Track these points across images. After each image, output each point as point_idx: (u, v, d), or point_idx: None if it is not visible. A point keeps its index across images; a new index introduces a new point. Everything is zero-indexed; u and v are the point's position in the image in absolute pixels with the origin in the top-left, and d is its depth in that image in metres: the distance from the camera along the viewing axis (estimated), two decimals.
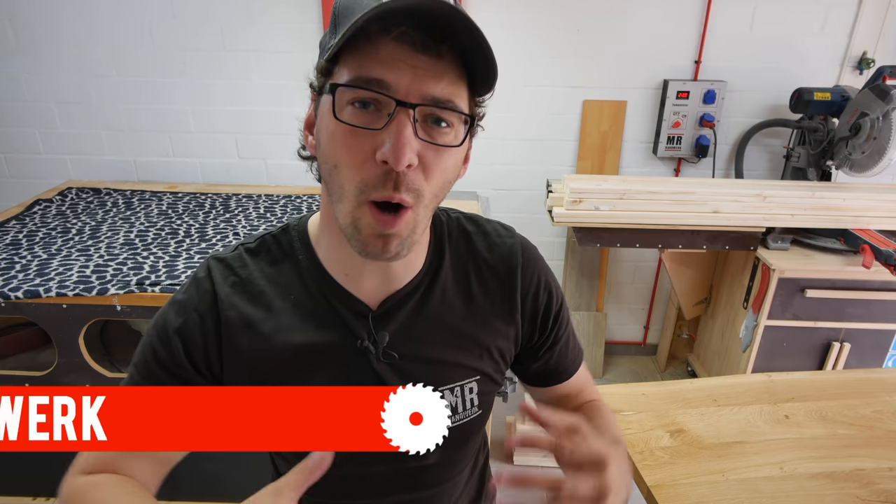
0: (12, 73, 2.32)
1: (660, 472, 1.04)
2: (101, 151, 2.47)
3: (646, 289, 2.82)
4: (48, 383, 1.60)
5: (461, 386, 0.68)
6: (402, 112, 0.51)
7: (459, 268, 0.70)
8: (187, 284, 0.66)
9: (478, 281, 0.70)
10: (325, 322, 0.64)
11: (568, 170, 2.54)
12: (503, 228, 0.75)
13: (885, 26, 2.31)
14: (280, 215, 2.07)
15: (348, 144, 0.52)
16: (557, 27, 2.30)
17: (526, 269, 0.71)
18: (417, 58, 0.50)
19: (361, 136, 0.52)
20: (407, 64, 0.50)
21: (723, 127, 2.47)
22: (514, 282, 0.71)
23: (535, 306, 0.72)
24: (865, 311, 2.06)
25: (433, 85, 0.51)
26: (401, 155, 0.50)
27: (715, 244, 2.09)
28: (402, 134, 0.50)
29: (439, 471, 0.72)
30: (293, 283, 0.65)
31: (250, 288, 0.64)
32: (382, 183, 0.52)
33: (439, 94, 0.51)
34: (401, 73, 0.50)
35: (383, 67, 0.50)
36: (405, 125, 0.50)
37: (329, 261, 0.65)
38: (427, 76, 0.51)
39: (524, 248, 0.73)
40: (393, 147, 0.50)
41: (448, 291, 0.68)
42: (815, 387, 1.29)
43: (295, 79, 2.33)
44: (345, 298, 0.64)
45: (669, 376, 2.81)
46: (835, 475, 1.04)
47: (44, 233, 1.84)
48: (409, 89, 0.50)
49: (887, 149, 1.97)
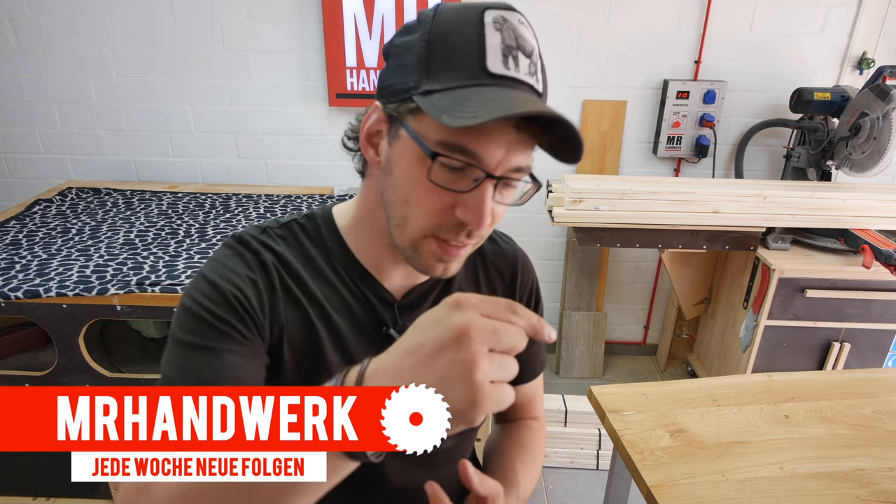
0: (12, 73, 2.32)
1: (660, 472, 1.04)
2: (101, 151, 2.47)
3: (646, 289, 2.82)
4: (48, 383, 1.60)
5: None
6: (490, 182, 0.55)
7: (470, 267, 0.76)
8: (223, 256, 0.63)
9: (486, 282, 0.77)
10: (353, 305, 0.67)
11: (568, 170, 2.54)
12: (503, 235, 0.82)
13: (885, 26, 2.31)
14: (280, 215, 2.07)
15: (429, 195, 0.56)
16: (557, 27, 2.30)
17: (524, 275, 0.79)
18: (513, 134, 0.54)
19: (444, 192, 0.55)
20: (505, 140, 0.53)
21: (723, 127, 2.47)
22: (515, 286, 0.78)
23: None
24: (865, 311, 2.06)
25: (521, 157, 0.55)
26: (483, 221, 0.55)
27: (715, 244, 2.09)
28: (485, 202, 0.55)
29: (450, 455, 0.76)
30: (323, 266, 0.67)
31: (286, 263, 0.65)
32: (456, 232, 0.57)
33: (522, 163, 0.56)
34: (498, 149, 0.53)
35: (483, 142, 0.53)
36: (489, 194, 0.55)
37: (360, 251, 0.67)
38: (516, 150, 0.55)
39: (523, 255, 0.81)
40: (476, 214, 0.55)
41: (462, 288, 0.74)
42: (815, 387, 1.29)
43: (295, 79, 2.33)
44: (373, 286, 0.68)
45: (669, 376, 2.81)
46: (835, 475, 1.04)
47: (44, 233, 1.84)
48: (501, 163, 0.54)
49: (887, 149, 1.97)
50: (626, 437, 1.13)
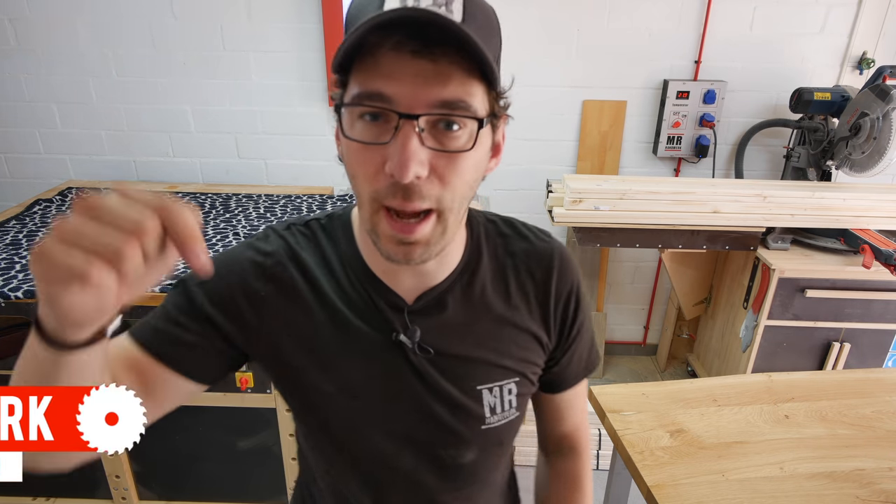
0: (12, 73, 2.32)
1: (660, 472, 1.04)
2: (101, 151, 2.47)
3: (646, 289, 2.82)
4: None
5: (500, 386, 0.68)
6: (407, 124, 0.50)
7: (498, 269, 0.70)
8: (241, 246, 0.67)
9: (516, 284, 0.70)
10: (363, 311, 0.65)
11: (568, 170, 2.54)
12: (541, 232, 0.74)
13: (885, 26, 2.31)
14: (280, 215, 2.07)
15: (360, 158, 0.53)
16: (557, 27, 2.30)
17: (560, 277, 0.71)
18: (418, 64, 0.49)
19: (372, 150, 0.52)
20: (407, 73, 0.49)
21: (723, 127, 2.47)
22: (549, 287, 0.70)
23: (564, 314, 0.72)
24: (865, 311, 2.06)
25: (439, 89, 0.50)
26: (405, 169, 0.49)
27: (715, 244, 2.09)
28: (406, 147, 0.49)
29: (473, 470, 0.71)
30: (337, 269, 0.66)
31: (302, 263, 0.66)
32: (393, 193, 0.52)
33: (448, 96, 0.50)
34: (401, 84, 0.49)
35: (384, 80, 0.50)
36: (409, 137, 0.50)
37: (367, 254, 0.66)
38: (430, 82, 0.49)
39: (561, 253, 0.72)
40: (398, 161, 0.50)
41: (487, 291, 0.68)
42: (815, 387, 1.29)
43: (295, 79, 2.33)
44: (383, 291, 0.65)
45: (669, 376, 2.81)
46: (835, 475, 1.04)
47: (44, 233, 1.84)
48: (413, 99, 0.50)
49: (887, 149, 1.97)
50: (626, 437, 1.13)
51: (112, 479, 1.75)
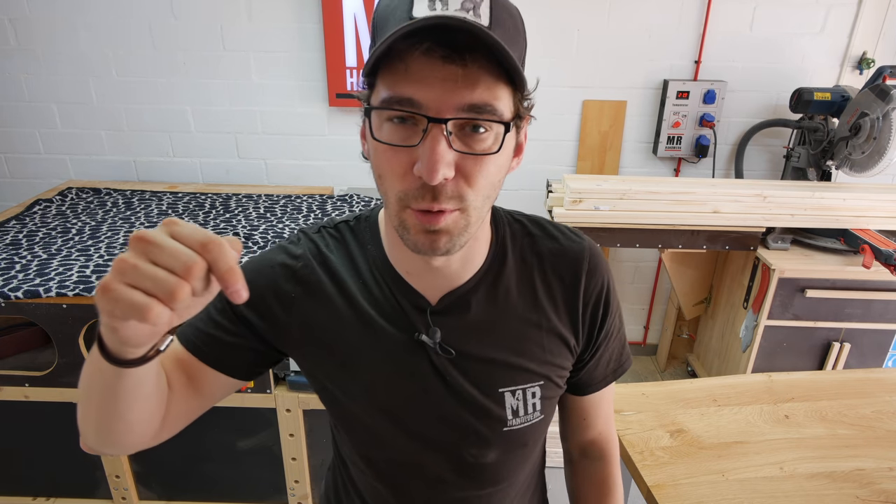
0: (12, 73, 2.32)
1: (660, 472, 1.04)
2: (102, 151, 2.47)
3: (646, 289, 2.82)
4: (48, 383, 1.60)
5: (523, 389, 0.68)
6: (436, 127, 0.51)
7: (524, 270, 0.70)
8: (272, 249, 0.70)
9: (543, 285, 0.69)
10: (388, 311, 0.66)
11: (568, 170, 2.54)
12: (570, 232, 0.73)
13: (885, 26, 2.31)
14: (280, 215, 2.07)
15: (388, 159, 0.54)
16: (557, 27, 2.30)
17: (590, 278, 0.70)
18: (447, 69, 0.50)
19: (400, 152, 0.53)
20: (437, 77, 0.50)
21: (723, 127, 2.47)
22: (578, 289, 0.70)
23: (593, 316, 0.71)
24: (865, 311, 2.06)
25: (467, 94, 0.51)
26: (434, 172, 0.51)
27: (715, 244, 2.09)
28: (434, 150, 0.51)
29: (496, 470, 0.71)
30: (364, 270, 0.68)
31: (330, 265, 0.68)
32: (422, 195, 0.53)
33: (476, 100, 0.51)
34: (430, 89, 0.50)
35: (413, 85, 0.51)
36: (438, 141, 0.51)
37: (392, 255, 0.67)
38: (459, 86, 0.50)
39: (592, 254, 0.71)
40: (427, 164, 0.51)
41: (512, 292, 0.68)
42: (815, 387, 1.29)
43: (295, 79, 2.33)
44: (406, 291, 0.66)
45: (669, 376, 2.81)
46: (835, 475, 1.04)
47: (44, 233, 1.84)
48: (441, 104, 0.51)
49: (887, 149, 1.97)
50: (626, 437, 1.13)
51: (112, 479, 1.75)
